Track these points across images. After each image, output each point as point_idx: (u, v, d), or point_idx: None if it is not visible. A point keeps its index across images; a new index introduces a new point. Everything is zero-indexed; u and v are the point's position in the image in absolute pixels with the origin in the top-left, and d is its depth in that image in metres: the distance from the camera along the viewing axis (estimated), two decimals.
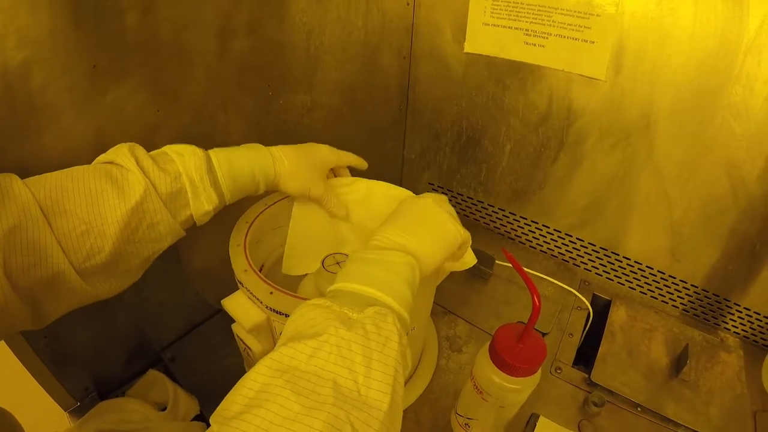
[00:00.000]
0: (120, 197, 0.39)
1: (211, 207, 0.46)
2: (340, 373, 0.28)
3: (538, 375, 0.47)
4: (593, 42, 0.64)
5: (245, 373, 0.29)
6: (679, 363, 0.66)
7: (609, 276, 0.82)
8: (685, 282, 0.75)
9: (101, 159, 0.42)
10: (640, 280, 0.79)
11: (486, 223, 0.94)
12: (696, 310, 0.76)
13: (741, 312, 0.72)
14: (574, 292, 0.78)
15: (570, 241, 0.84)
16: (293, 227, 0.60)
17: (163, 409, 0.62)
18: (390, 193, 0.59)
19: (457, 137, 0.87)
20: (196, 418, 0.63)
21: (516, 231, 0.90)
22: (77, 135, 0.50)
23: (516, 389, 0.46)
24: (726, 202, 0.64)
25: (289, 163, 0.51)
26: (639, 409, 0.61)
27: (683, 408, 0.61)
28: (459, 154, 0.89)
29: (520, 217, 0.88)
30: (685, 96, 0.61)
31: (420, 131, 0.92)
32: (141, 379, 0.66)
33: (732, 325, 0.74)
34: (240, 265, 0.49)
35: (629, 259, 0.78)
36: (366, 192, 0.60)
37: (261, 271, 0.50)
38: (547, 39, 0.67)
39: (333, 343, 0.29)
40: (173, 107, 0.57)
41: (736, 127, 0.59)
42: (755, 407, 0.62)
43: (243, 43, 0.61)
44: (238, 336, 0.52)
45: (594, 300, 0.79)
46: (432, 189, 0.97)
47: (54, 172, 0.39)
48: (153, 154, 0.43)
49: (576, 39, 0.65)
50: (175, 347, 0.72)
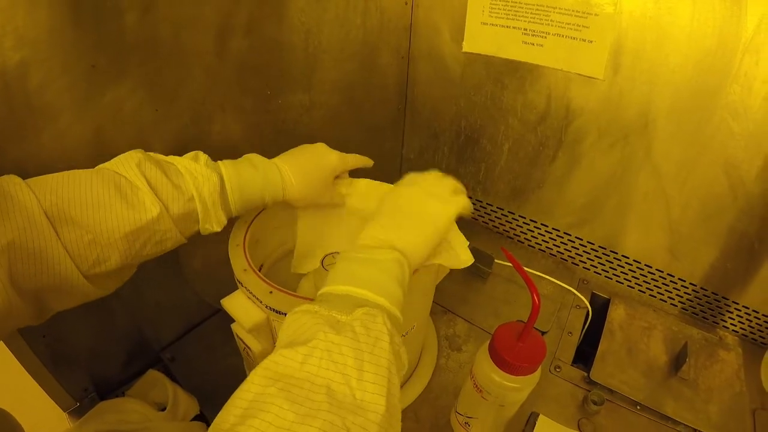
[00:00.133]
0: (130, 213, 0.39)
1: (220, 229, 0.47)
2: (333, 378, 0.28)
3: (537, 373, 0.47)
4: (591, 41, 0.64)
5: (243, 380, 0.29)
6: (678, 361, 0.66)
7: (608, 274, 0.82)
8: (684, 280, 0.75)
9: (107, 166, 0.42)
10: (638, 278, 0.79)
11: (485, 222, 0.94)
12: (695, 308, 0.76)
13: (740, 310, 0.72)
14: (573, 290, 0.78)
15: (569, 240, 0.84)
16: (301, 227, 0.61)
17: (163, 409, 0.62)
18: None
19: (456, 137, 0.87)
20: (195, 418, 0.63)
21: (515, 230, 0.90)
22: (76, 135, 0.49)
23: (516, 388, 0.46)
24: (724, 200, 0.65)
25: (298, 184, 0.51)
26: (638, 408, 0.61)
27: (682, 406, 0.61)
28: (458, 153, 0.89)
29: (518, 216, 0.88)
30: (684, 95, 0.61)
31: (418, 131, 0.92)
32: (140, 380, 0.66)
33: (731, 324, 0.74)
34: (239, 265, 0.49)
35: (628, 258, 0.79)
36: (365, 192, 0.60)
37: (260, 271, 0.50)
38: (546, 38, 0.67)
39: (323, 348, 0.29)
40: (172, 107, 0.57)
41: (734, 126, 0.59)
42: (754, 405, 0.62)
43: (242, 43, 0.60)
44: (237, 336, 0.52)
45: (593, 298, 0.80)
46: None
47: (58, 173, 0.39)
48: (161, 162, 0.43)
49: (574, 38, 0.65)
50: (175, 347, 0.72)
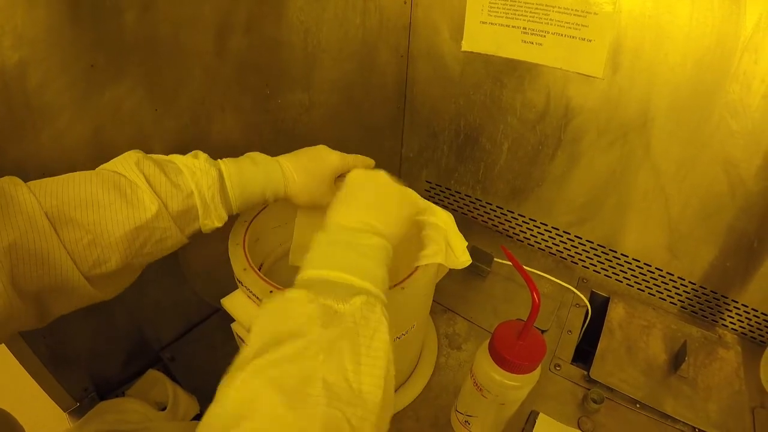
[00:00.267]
0: (129, 212, 0.39)
1: (221, 224, 0.46)
2: (329, 371, 0.27)
3: (537, 372, 0.47)
4: (591, 40, 0.64)
5: (225, 379, 0.27)
6: (678, 359, 0.66)
7: (607, 273, 0.82)
8: (683, 279, 0.75)
9: (107, 167, 0.41)
10: (638, 277, 0.79)
11: (484, 221, 0.94)
12: (694, 306, 0.76)
13: (739, 309, 0.72)
14: (572, 289, 0.78)
15: (568, 239, 0.84)
16: (299, 221, 0.61)
17: (163, 409, 0.62)
18: None
19: (455, 135, 0.87)
20: (196, 417, 0.63)
21: (514, 229, 0.91)
22: (75, 134, 0.49)
23: (516, 386, 0.46)
24: (724, 199, 0.65)
25: (300, 182, 0.51)
26: (638, 406, 0.61)
27: (682, 404, 0.61)
28: (457, 152, 0.89)
29: (518, 215, 0.88)
30: (683, 94, 0.61)
31: (418, 130, 0.92)
32: (140, 379, 0.66)
33: (730, 322, 0.74)
34: (239, 264, 0.49)
35: (627, 257, 0.79)
36: None
37: (260, 270, 0.50)
38: (545, 37, 0.67)
39: (319, 341, 0.28)
40: (171, 106, 0.57)
41: (733, 125, 0.59)
42: (753, 403, 0.63)
43: (241, 42, 0.60)
44: (237, 335, 0.52)
45: (592, 297, 0.80)
46: (430, 187, 0.97)
47: (59, 176, 0.39)
48: (161, 161, 0.43)
49: (573, 37, 0.65)
50: (175, 347, 0.72)
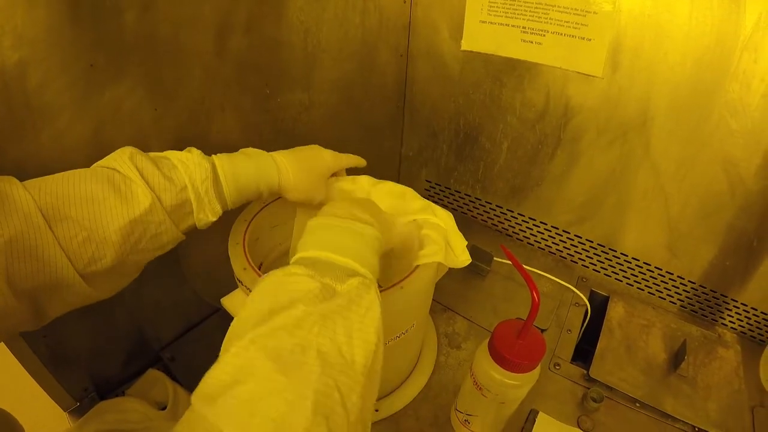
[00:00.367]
0: (123, 206, 0.39)
1: (215, 218, 0.46)
2: (323, 342, 0.29)
3: (537, 371, 0.47)
4: (590, 39, 0.64)
5: (224, 345, 0.29)
6: (677, 358, 0.66)
7: (607, 272, 0.83)
8: (683, 278, 0.75)
9: (101, 164, 0.42)
10: (637, 276, 0.79)
11: (484, 220, 0.94)
12: (694, 305, 0.77)
13: (738, 308, 0.72)
14: (572, 288, 0.78)
15: (568, 238, 0.84)
16: (299, 221, 0.62)
17: (163, 409, 0.62)
18: (392, 189, 0.59)
19: (455, 135, 0.87)
20: None
21: (514, 228, 0.91)
22: (75, 134, 0.49)
23: (515, 385, 0.47)
24: (723, 198, 0.65)
25: (293, 175, 0.51)
26: (637, 405, 0.61)
27: (681, 403, 0.61)
28: (456, 151, 0.89)
29: (517, 214, 0.88)
30: (682, 93, 0.61)
31: (417, 129, 0.92)
32: (141, 379, 0.66)
33: (729, 321, 0.74)
34: (239, 264, 0.49)
35: (627, 256, 0.79)
36: (369, 188, 0.61)
37: (260, 269, 0.50)
38: (544, 36, 0.67)
39: (316, 314, 0.30)
40: (171, 106, 0.57)
41: (732, 124, 0.59)
42: (753, 402, 0.63)
43: (241, 42, 0.60)
44: None
45: (592, 296, 0.80)
46: (430, 186, 0.97)
47: (54, 175, 0.39)
48: (155, 157, 0.43)
49: (573, 36, 0.65)
50: (175, 346, 0.72)
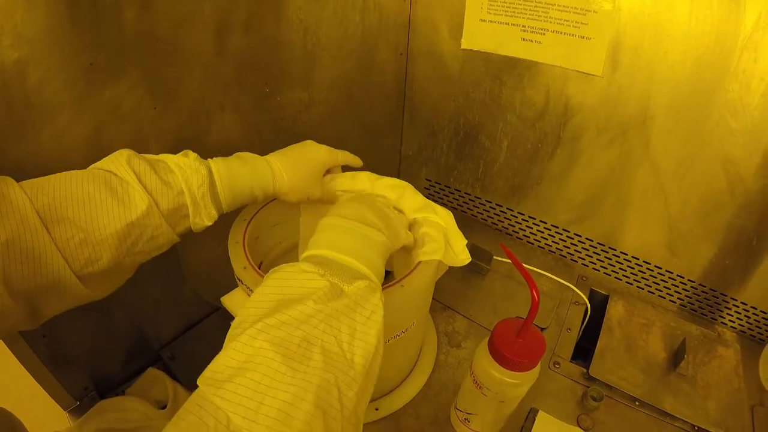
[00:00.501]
0: (120, 208, 0.39)
1: (211, 222, 0.47)
2: (328, 339, 0.30)
3: (537, 369, 0.47)
4: (590, 38, 0.64)
5: (232, 333, 0.30)
6: (677, 357, 0.66)
7: (606, 271, 0.83)
8: (683, 277, 0.75)
9: (98, 166, 0.42)
10: (637, 275, 0.79)
11: (483, 219, 0.94)
12: (693, 304, 0.77)
13: (738, 306, 0.72)
14: (571, 287, 0.78)
15: (567, 237, 0.84)
16: (303, 223, 0.63)
17: (163, 407, 0.62)
18: (393, 183, 0.59)
19: (455, 133, 0.87)
20: None
21: (513, 227, 0.91)
22: (74, 133, 0.49)
23: (515, 384, 0.47)
24: (723, 197, 0.65)
25: (288, 178, 0.52)
26: (637, 403, 0.61)
27: (681, 402, 0.61)
28: (456, 150, 0.89)
29: (517, 213, 0.88)
30: (682, 92, 0.61)
31: (417, 128, 0.92)
32: (140, 378, 0.66)
33: (729, 320, 0.74)
34: (239, 263, 0.49)
35: (626, 255, 0.79)
36: (369, 184, 0.60)
37: (260, 268, 0.50)
38: (544, 35, 0.67)
39: (324, 312, 0.31)
40: (170, 105, 0.57)
41: (732, 123, 0.59)
42: (752, 401, 0.63)
43: (240, 41, 0.60)
44: None
45: (592, 295, 0.80)
46: (430, 185, 0.97)
47: (51, 175, 0.39)
48: (152, 161, 0.43)
49: (573, 35, 0.65)
50: (175, 345, 0.72)
